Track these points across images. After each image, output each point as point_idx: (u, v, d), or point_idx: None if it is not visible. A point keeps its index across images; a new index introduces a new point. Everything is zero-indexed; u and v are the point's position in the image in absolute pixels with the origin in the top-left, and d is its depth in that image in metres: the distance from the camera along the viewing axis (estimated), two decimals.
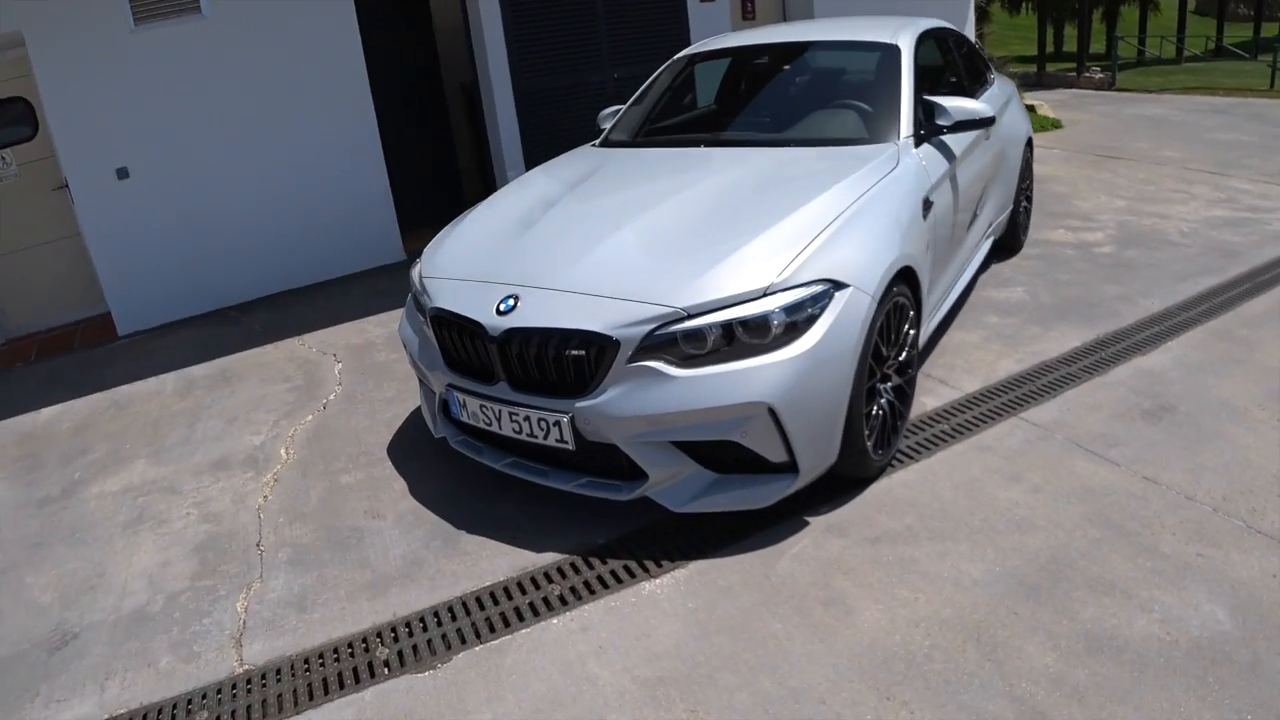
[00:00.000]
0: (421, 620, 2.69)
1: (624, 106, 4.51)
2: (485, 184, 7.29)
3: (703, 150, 3.82)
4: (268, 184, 5.68)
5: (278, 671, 2.54)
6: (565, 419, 2.77)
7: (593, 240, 3.06)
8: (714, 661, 2.40)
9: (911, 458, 3.23)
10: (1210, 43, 22.60)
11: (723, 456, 2.78)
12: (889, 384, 3.12)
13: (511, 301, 2.87)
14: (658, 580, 2.75)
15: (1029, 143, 5.34)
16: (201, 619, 2.81)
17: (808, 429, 2.71)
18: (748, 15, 6.92)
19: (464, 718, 2.30)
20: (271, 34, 5.44)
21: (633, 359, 2.68)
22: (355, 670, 2.51)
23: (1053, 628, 2.38)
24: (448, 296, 3.08)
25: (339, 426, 3.97)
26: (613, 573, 2.80)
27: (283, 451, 3.82)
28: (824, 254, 2.79)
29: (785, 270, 2.71)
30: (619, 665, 2.43)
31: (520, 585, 2.79)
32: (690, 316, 2.66)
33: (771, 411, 2.63)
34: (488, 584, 2.82)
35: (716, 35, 4.84)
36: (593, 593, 2.73)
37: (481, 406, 2.96)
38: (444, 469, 3.49)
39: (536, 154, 6.38)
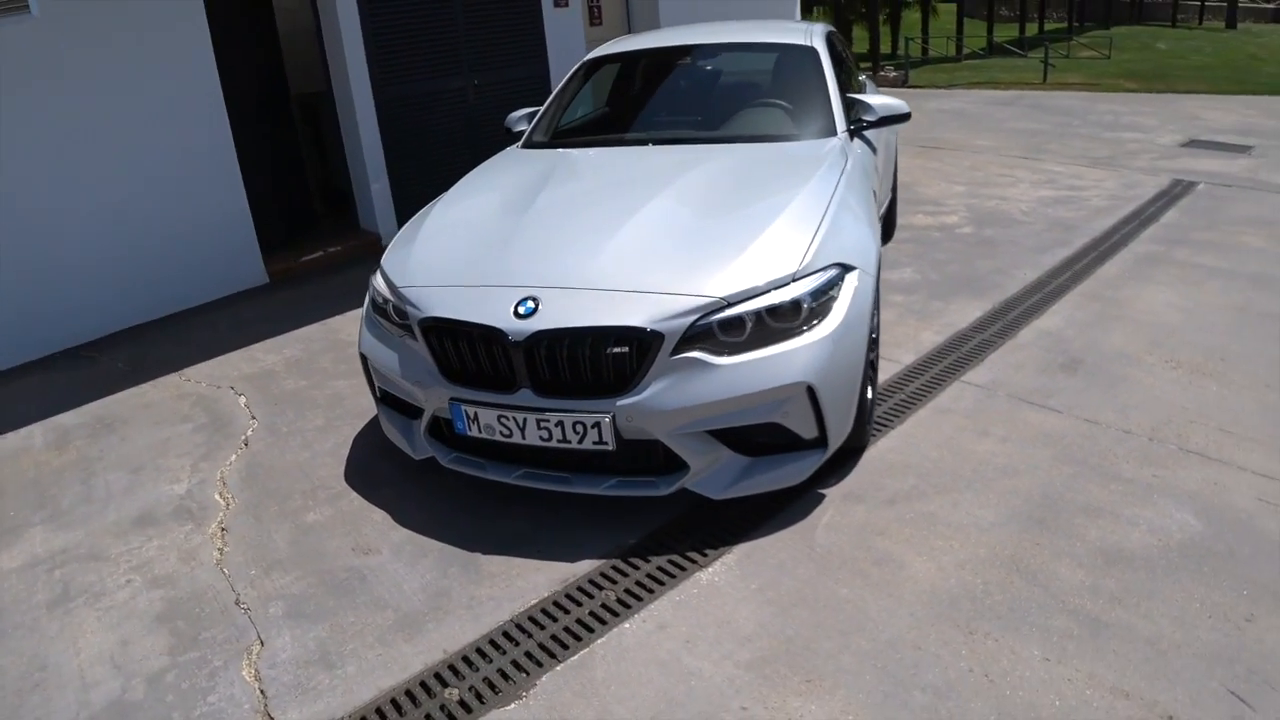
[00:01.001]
0: (480, 652, 2.48)
1: (538, 109, 4.40)
2: (334, 199, 6.76)
3: (651, 148, 3.80)
4: (108, 201, 4.86)
5: None
6: (606, 419, 2.66)
7: (600, 237, 2.97)
8: (804, 633, 2.43)
9: (886, 426, 3.41)
10: (984, 42, 25.27)
11: (753, 440, 2.80)
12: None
13: (531, 304, 2.71)
14: (710, 569, 2.72)
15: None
16: (206, 697, 2.40)
17: (836, 404, 2.79)
18: (595, 22, 6.92)
19: None
20: (110, 32, 4.69)
21: (675, 351, 2.64)
22: (430, 718, 2.26)
23: (1071, 550, 2.66)
24: (446, 305, 2.85)
25: (274, 463, 3.53)
26: (660, 569, 2.73)
27: (217, 497, 3.33)
28: (830, 240, 2.90)
29: (805, 257, 2.79)
30: (715, 654, 2.38)
31: (569, 597, 2.65)
32: (729, 305, 2.66)
33: (810, 390, 2.69)
34: (533, 602, 2.64)
35: (618, 39, 4.83)
36: (651, 591, 2.64)
37: (500, 417, 2.76)
38: (422, 493, 3.21)
39: (400, 164, 6.03)
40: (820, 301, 2.74)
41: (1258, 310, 4.29)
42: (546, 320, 2.67)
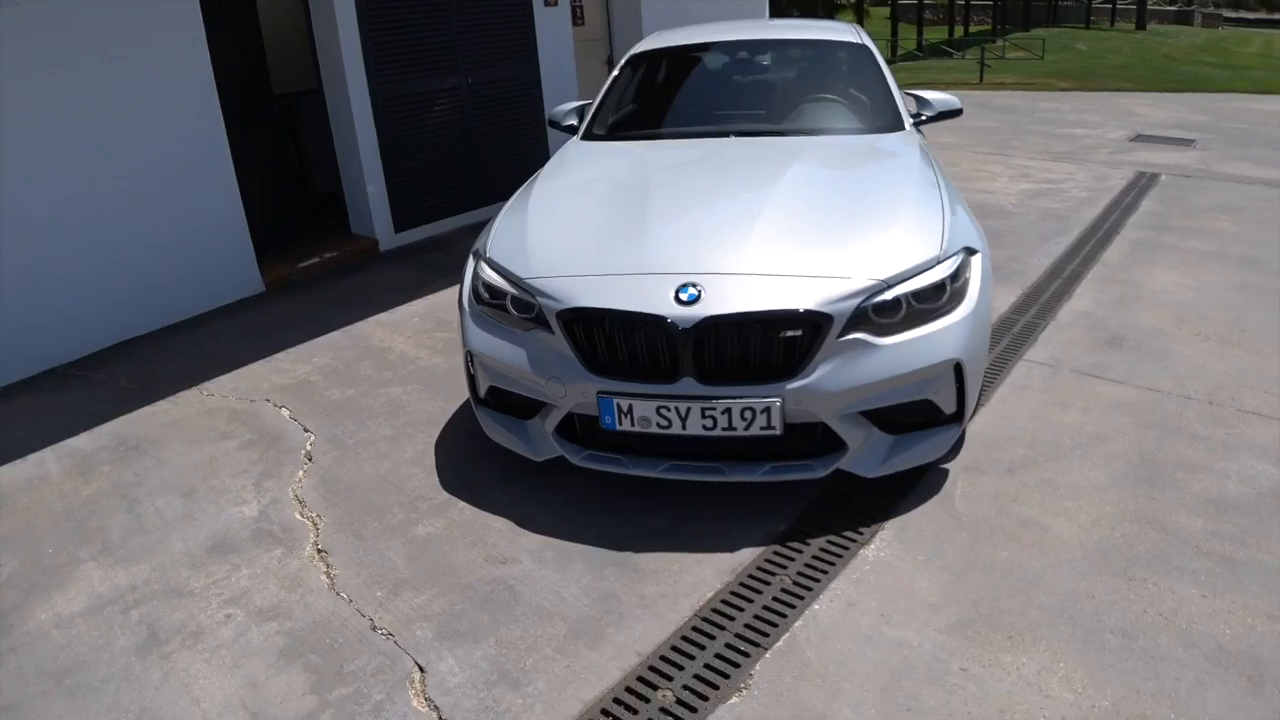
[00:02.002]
0: (676, 650, 2.27)
1: (586, 102, 4.21)
2: (313, 204, 6.25)
3: (735, 140, 3.68)
4: (94, 202, 4.25)
5: None
6: (776, 403, 2.49)
7: (740, 224, 2.83)
8: (986, 595, 2.39)
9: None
10: (915, 44, 25.94)
11: (899, 419, 2.69)
12: None
13: (694, 290, 2.52)
14: (872, 546, 2.62)
15: None
16: None
17: (975, 380, 2.75)
18: (577, 23, 6.68)
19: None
20: (99, 24, 4.12)
21: (842, 333, 2.52)
22: None
23: (1183, 502, 2.74)
24: (594, 294, 2.62)
25: (352, 477, 3.15)
26: (823, 550, 2.61)
27: (298, 517, 2.94)
28: (955, 226, 2.86)
29: (943, 242, 2.75)
30: (914, 624, 2.30)
31: (745, 585, 2.49)
32: (888, 287, 2.57)
33: (958, 367, 2.64)
34: (709, 595, 2.45)
35: (656, 35, 4.67)
36: (824, 572, 2.52)
37: (659, 409, 2.55)
38: (539, 496, 2.94)
39: (397, 166, 5.63)
40: (958, 283, 2.70)
41: (1257, 287, 4.53)
42: (714, 306, 2.50)
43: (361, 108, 5.33)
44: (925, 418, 2.70)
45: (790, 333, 2.49)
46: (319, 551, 2.77)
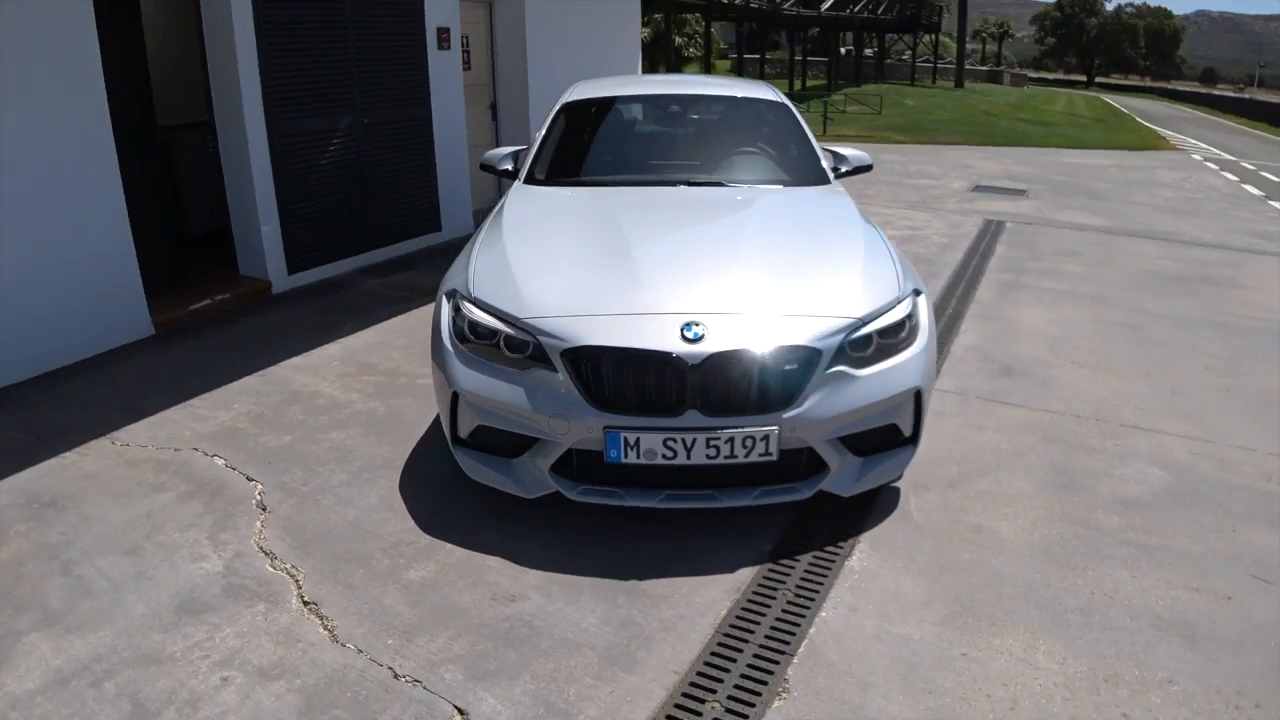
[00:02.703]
0: (709, 664, 2.38)
1: (525, 148, 4.28)
2: (190, 243, 5.74)
3: (685, 189, 3.88)
4: None
5: None
6: (774, 431, 2.68)
7: (724, 267, 3.05)
8: (962, 591, 2.71)
9: None
10: None
11: (867, 442, 2.96)
12: None
13: (698, 329, 2.67)
14: (854, 558, 2.86)
15: None
16: None
17: (928, 405, 3.08)
18: (465, 68, 6.63)
19: (865, 713, 2.19)
20: None
21: (829, 365, 2.75)
22: None
23: (1098, 502, 3.22)
24: (600, 333, 2.71)
25: (320, 526, 2.99)
26: (813, 564, 2.82)
27: (270, 569, 2.75)
28: (904, 270, 3.21)
29: (900, 283, 3.07)
30: (912, 620, 2.57)
31: (752, 602, 2.65)
32: (864, 324, 2.84)
33: (918, 394, 2.94)
34: (723, 613, 2.59)
35: (582, 84, 4.80)
36: (820, 583, 2.73)
37: (665, 440, 2.67)
38: (528, 532, 2.95)
39: (294, 205, 5.37)
40: (913, 320, 3.02)
41: (1109, 321, 5.34)
42: (719, 343, 2.66)
43: (258, 144, 5.05)
44: (888, 440, 2.98)
45: (788, 366, 2.70)
46: (306, 604, 2.60)
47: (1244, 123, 32.90)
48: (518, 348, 2.81)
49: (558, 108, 4.31)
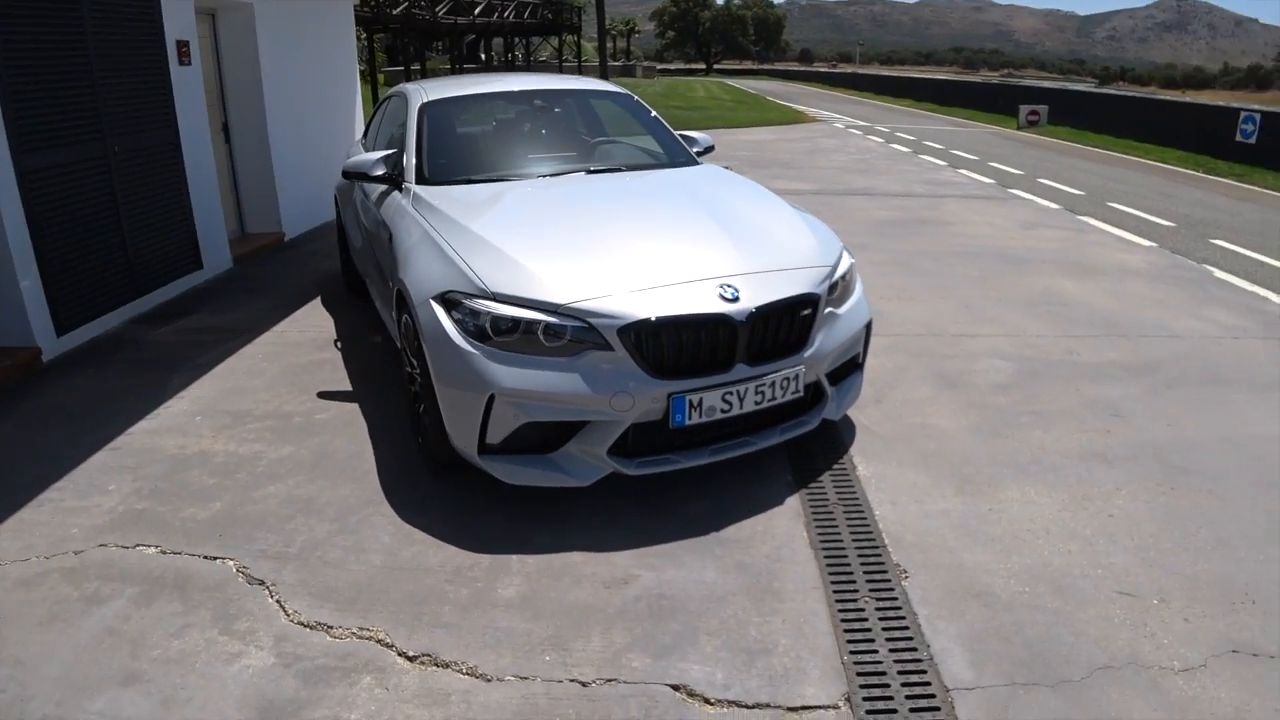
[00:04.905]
0: (834, 573, 2.51)
1: (392, 153, 3.83)
2: None
3: (594, 175, 3.83)
4: None
5: None
6: (801, 370, 2.89)
7: (706, 236, 3.11)
8: (952, 469, 3.15)
9: None
10: None
11: (838, 372, 3.22)
12: None
13: (732, 290, 2.76)
14: (859, 469, 3.16)
15: None
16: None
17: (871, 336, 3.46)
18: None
19: (969, 568, 2.53)
20: None
21: (824, 307, 3.00)
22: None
23: (981, 390, 3.86)
24: (650, 306, 2.67)
25: (350, 581, 2.47)
26: (835, 480, 3.06)
27: (334, 640, 2.23)
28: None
29: (835, 241, 3.35)
30: (937, 498, 2.96)
31: (818, 519, 2.80)
32: (834, 270, 3.12)
33: (869, 324, 3.31)
34: (803, 532, 2.72)
35: (434, 83, 4.34)
36: (852, 491, 2.99)
37: (724, 395, 2.74)
38: (572, 524, 2.77)
39: (54, 253, 4.14)
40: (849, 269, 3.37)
41: (877, 262, 5.99)
42: (755, 299, 2.76)
43: (5, 183, 3.75)
44: (849, 369, 3.30)
45: (804, 311, 2.89)
46: (415, 658, 2.17)
47: (853, 93, 37.14)
48: (556, 334, 2.63)
49: (418, 109, 3.92)
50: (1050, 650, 2.19)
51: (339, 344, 4.50)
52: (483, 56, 36.89)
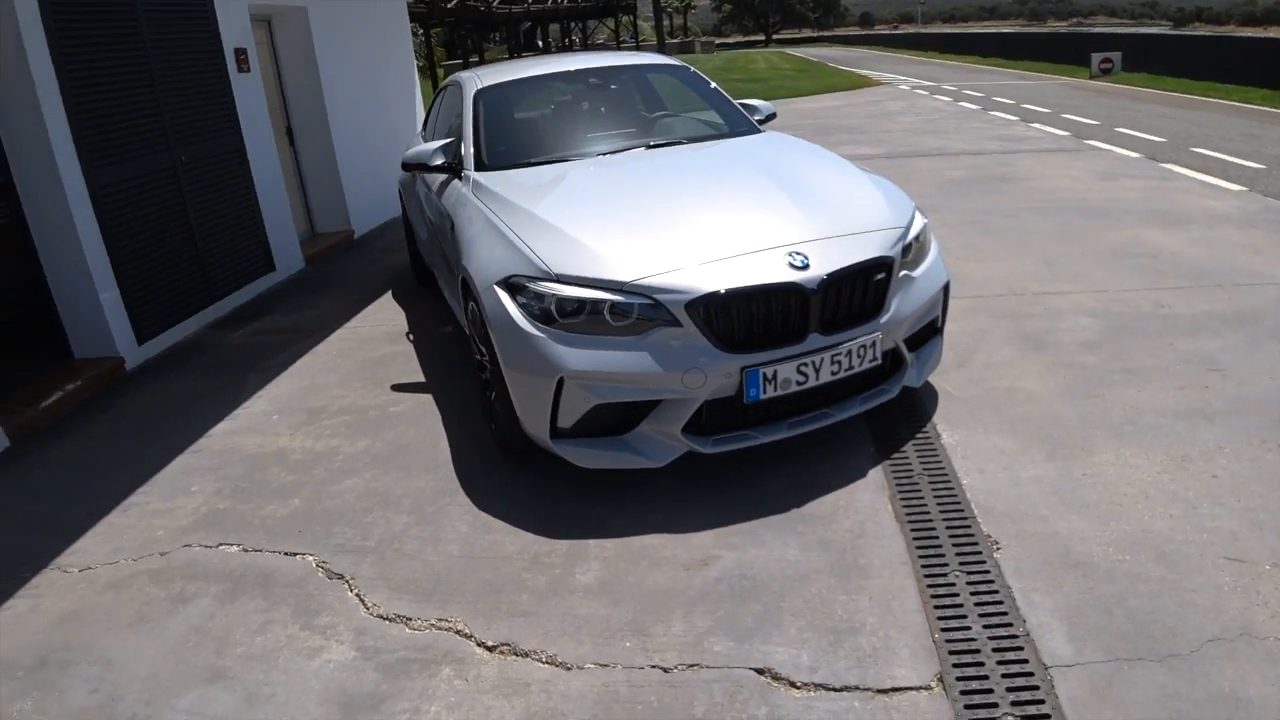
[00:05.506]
0: (922, 547, 2.35)
1: (450, 141, 3.78)
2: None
3: (644, 151, 3.68)
4: None
5: None
6: (878, 337, 2.72)
7: (772, 204, 2.96)
8: (1040, 433, 2.92)
9: None
10: None
11: (915, 339, 3.02)
12: None
13: (800, 258, 2.61)
14: (944, 438, 2.96)
15: None
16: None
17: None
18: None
19: (1065, 539, 2.34)
20: None
21: (899, 270, 2.82)
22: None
23: (1068, 350, 3.57)
24: (719, 279, 2.54)
25: (428, 572, 2.44)
26: (919, 450, 2.87)
27: (414, 631, 2.20)
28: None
29: (907, 202, 3.15)
30: (1027, 465, 2.75)
31: (903, 490, 2.65)
32: (908, 231, 2.93)
33: (947, 286, 3.10)
34: (887, 505, 2.57)
35: (487, 69, 4.32)
36: (937, 460, 2.81)
37: (799, 367, 2.59)
38: (652, 504, 2.66)
39: (131, 265, 4.26)
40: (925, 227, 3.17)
41: (952, 223, 5.75)
42: (825, 265, 2.61)
43: (79, 200, 3.86)
44: (928, 333, 3.10)
45: (878, 276, 2.71)
46: (494, 648, 2.12)
47: (917, 54, 35.31)
48: (623, 313, 2.53)
49: (472, 98, 3.87)
50: (1155, 622, 2.00)
51: (411, 336, 4.51)
52: (540, 43, 36.67)
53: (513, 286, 2.70)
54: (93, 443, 3.56)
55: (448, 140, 3.80)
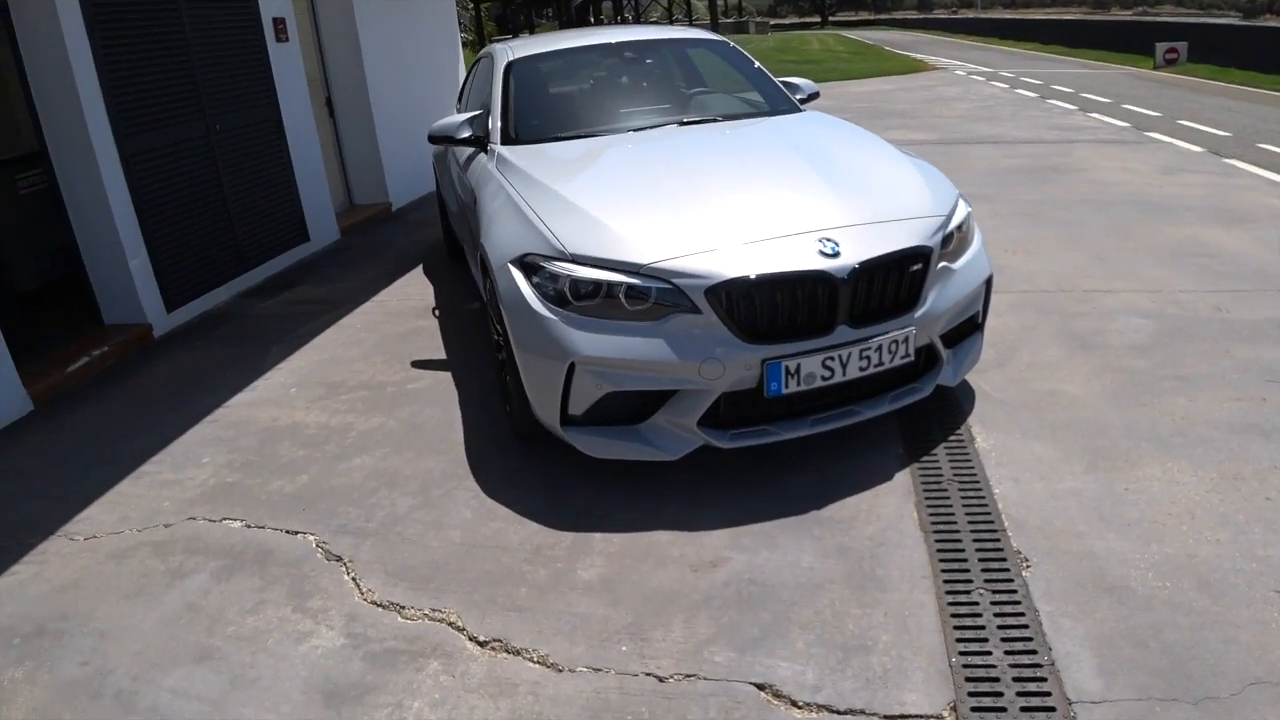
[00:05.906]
0: (946, 560, 2.18)
1: (479, 114, 3.66)
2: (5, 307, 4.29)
3: (675, 128, 3.51)
4: None
5: None
6: (912, 332, 2.53)
7: (805, 186, 2.78)
8: (1083, 442, 2.72)
9: None
10: None
11: (952, 335, 2.82)
12: None
13: (831, 245, 2.42)
14: (978, 441, 2.77)
15: None
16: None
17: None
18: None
19: (1101, 558, 2.15)
20: None
21: (937, 262, 2.63)
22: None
23: (1117, 353, 3.34)
24: (742, 265, 2.38)
25: (427, 559, 2.35)
26: (950, 454, 2.69)
27: (406, 620, 2.11)
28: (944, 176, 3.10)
29: (950, 189, 2.94)
30: (1066, 475, 2.55)
31: (930, 497, 2.47)
32: (949, 221, 2.73)
33: (989, 280, 2.89)
34: (913, 513, 2.39)
35: (521, 42, 4.19)
36: (969, 467, 2.62)
37: (824, 361, 2.42)
38: (664, 498, 2.53)
39: (161, 233, 4.26)
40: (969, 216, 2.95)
41: (1003, 213, 5.41)
42: (858, 254, 2.43)
43: (110, 167, 3.85)
44: (967, 330, 2.90)
45: (914, 267, 2.53)
46: (485, 643, 2.02)
47: (975, 39, 34.32)
48: (639, 297, 2.39)
49: (502, 70, 3.75)
50: (1194, 659, 1.81)
51: (437, 312, 4.43)
52: (592, 20, 36.28)
53: (528, 266, 2.58)
54: (112, 409, 3.55)
55: (476, 112, 3.68)
